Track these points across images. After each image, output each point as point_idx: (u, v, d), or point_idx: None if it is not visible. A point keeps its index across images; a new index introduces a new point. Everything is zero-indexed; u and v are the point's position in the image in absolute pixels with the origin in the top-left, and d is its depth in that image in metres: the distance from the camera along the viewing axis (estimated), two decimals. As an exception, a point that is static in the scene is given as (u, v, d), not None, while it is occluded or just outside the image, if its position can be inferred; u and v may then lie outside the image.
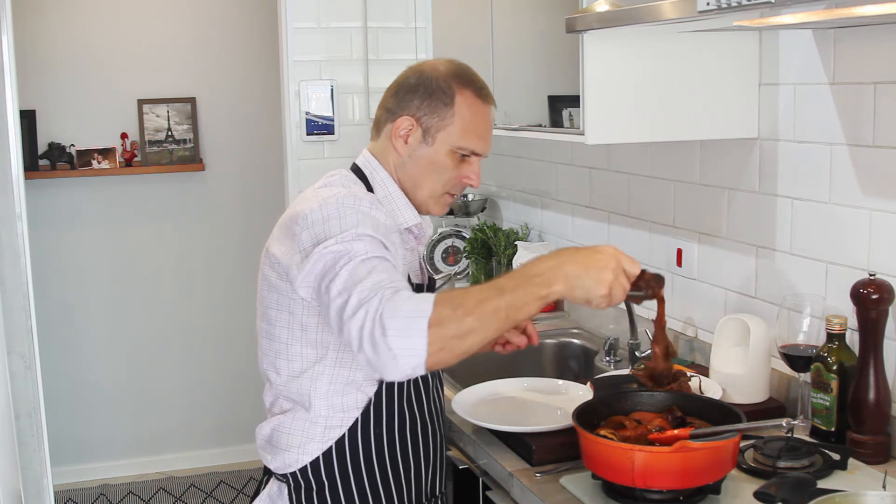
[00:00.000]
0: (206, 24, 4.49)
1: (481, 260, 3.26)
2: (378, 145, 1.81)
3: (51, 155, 4.28)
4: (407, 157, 1.76)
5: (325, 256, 1.52)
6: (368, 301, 1.42)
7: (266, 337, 1.74)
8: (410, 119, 1.74)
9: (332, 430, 1.69)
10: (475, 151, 1.76)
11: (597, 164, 2.77)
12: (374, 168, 1.79)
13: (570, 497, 1.66)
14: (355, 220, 1.57)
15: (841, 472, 1.68)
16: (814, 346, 1.87)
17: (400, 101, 1.76)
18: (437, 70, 1.76)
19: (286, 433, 1.72)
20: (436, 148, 1.74)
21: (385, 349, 1.37)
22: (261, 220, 4.53)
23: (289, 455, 1.71)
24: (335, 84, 3.56)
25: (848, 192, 1.88)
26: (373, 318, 1.39)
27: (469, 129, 1.74)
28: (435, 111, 1.73)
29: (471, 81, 1.76)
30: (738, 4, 1.38)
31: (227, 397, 4.68)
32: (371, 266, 1.49)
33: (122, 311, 4.55)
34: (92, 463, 4.56)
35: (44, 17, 4.28)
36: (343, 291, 1.46)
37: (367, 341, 1.39)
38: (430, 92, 1.73)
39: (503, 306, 1.41)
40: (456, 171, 1.76)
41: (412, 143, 1.75)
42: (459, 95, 1.73)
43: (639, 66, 2.01)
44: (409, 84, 1.76)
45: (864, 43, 1.80)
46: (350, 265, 1.48)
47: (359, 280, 1.46)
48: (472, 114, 1.74)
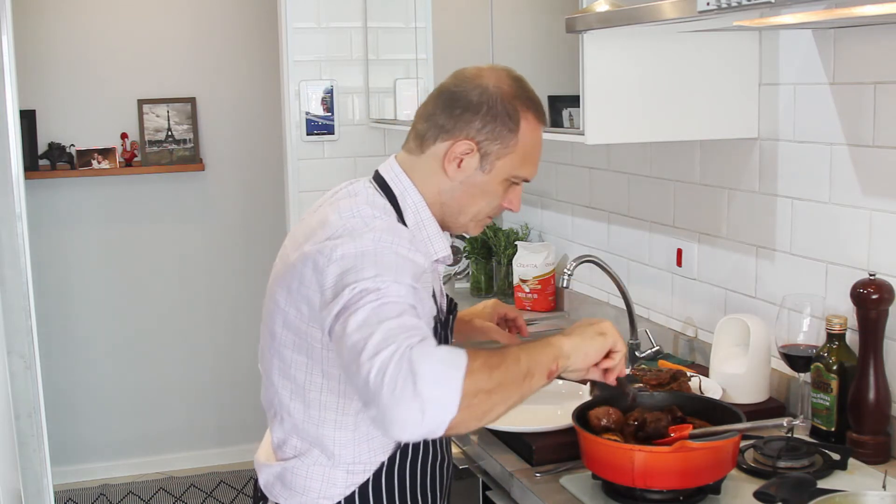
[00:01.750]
0: (206, 24, 4.49)
1: (481, 260, 3.26)
2: (417, 162, 1.60)
3: (51, 155, 4.28)
4: (458, 183, 1.58)
5: (352, 293, 1.34)
6: (395, 339, 1.25)
7: (280, 374, 1.57)
8: (471, 143, 1.55)
9: (356, 476, 1.56)
10: (527, 179, 1.63)
11: (597, 164, 2.77)
12: (406, 188, 1.59)
13: (570, 497, 1.66)
14: (394, 262, 1.39)
15: (841, 472, 1.68)
16: (814, 346, 1.87)
17: (457, 120, 1.55)
18: (502, 90, 1.56)
19: (302, 476, 1.57)
20: (492, 176, 1.57)
21: (410, 398, 1.20)
22: (261, 220, 4.53)
23: (306, 498, 1.57)
24: (335, 84, 3.56)
25: (848, 192, 1.88)
26: (398, 361, 1.22)
27: (528, 158, 1.60)
28: (498, 137, 1.55)
29: (532, 101, 1.59)
30: (738, 4, 1.38)
31: (227, 397, 4.68)
32: (400, 310, 1.32)
33: (123, 311, 4.55)
34: (92, 463, 4.55)
35: (44, 17, 4.27)
36: (363, 327, 1.28)
37: (387, 387, 1.21)
38: (494, 115, 1.54)
39: (524, 371, 1.38)
40: (503, 198, 1.62)
41: (466, 169, 1.56)
42: (524, 121, 1.56)
43: (639, 66, 2.01)
44: (468, 101, 1.55)
45: (864, 43, 1.80)
46: (377, 303, 1.31)
47: (384, 318, 1.29)
48: (532, 141, 1.59)
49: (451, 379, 1.23)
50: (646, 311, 2.55)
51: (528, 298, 2.99)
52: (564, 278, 2.37)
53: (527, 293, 2.98)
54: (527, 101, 1.58)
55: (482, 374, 1.28)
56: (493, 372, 1.30)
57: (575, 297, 2.92)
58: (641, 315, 2.53)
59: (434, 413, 1.22)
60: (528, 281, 2.97)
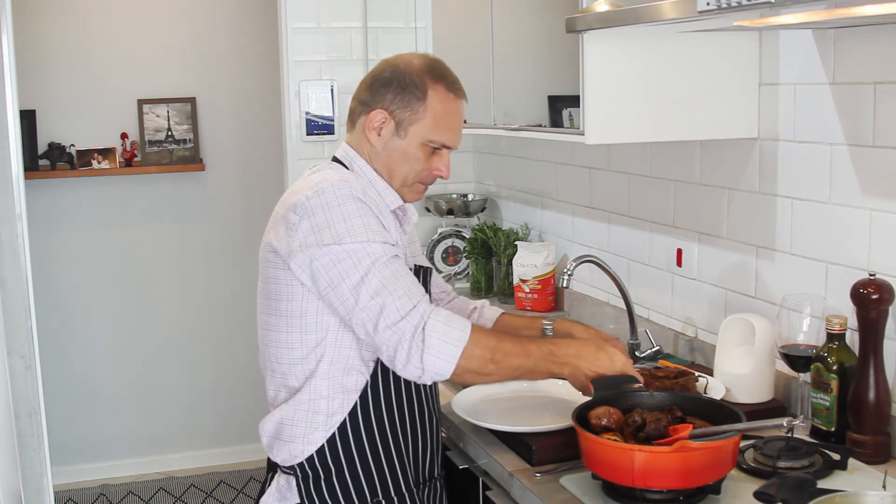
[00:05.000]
0: (206, 24, 4.49)
1: (481, 260, 3.26)
2: (354, 137, 1.87)
3: (51, 155, 4.28)
4: (381, 149, 1.82)
5: (341, 254, 1.66)
6: (410, 315, 1.63)
7: (266, 328, 1.80)
8: (384, 112, 1.80)
9: (334, 417, 1.75)
10: (445, 144, 1.83)
11: (597, 164, 2.77)
12: (353, 158, 1.85)
13: (570, 497, 1.66)
14: (357, 212, 1.68)
15: (841, 472, 1.68)
16: (814, 346, 1.87)
17: (374, 95, 1.82)
18: (411, 65, 1.81)
19: (289, 424, 1.77)
20: (408, 140, 1.81)
21: (417, 363, 1.63)
22: (261, 220, 4.48)
23: (294, 446, 1.76)
24: (335, 84, 3.56)
25: (848, 192, 1.88)
26: (412, 335, 1.62)
27: (440, 123, 1.81)
28: (408, 105, 1.79)
29: (443, 76, 1.82)
30: (738, 4, 1.38)
31: (227, 397, 4.68)
32: (394, 268, 1.67)
33: (123, 311, 4.55)
34: (92, 463, 4.55)
35: (44, 17, 4.27)
36: (376, 295, 1.63)
37: (402, 353, 1.63)
38: (403, 86, 1.79)
39: (523, 369, 1.72)
40: (427, 163, 1.84)
41: (385, 136, 1.81)
42: (432, 90, 1.79)
43: (639, 66, 2.01)
44: (383, 78, 1.82)
45: (864, 43, 1.80)
46: (376, 268, 1.65)
47: (389, 284, 1.64)
48: (443, 108, 1.80)
49: (449, 354, 1.63)
50: (646, 311, 2.55)
51: (528, 298, 2.99)
52: (564, 278, 2.37)
53: (527, 293, 2.98)
54: (436, 75, 1.81)
55: (477, 361, 1.66)
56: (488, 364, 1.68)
57: (575, 297, 2.92)
58: (641, 315, 2.53)
59: (429, 376, 1.65)
60: (528, 281, 2.97)
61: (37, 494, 1.94)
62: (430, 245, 3.44)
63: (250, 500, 4.31)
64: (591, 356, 1.76)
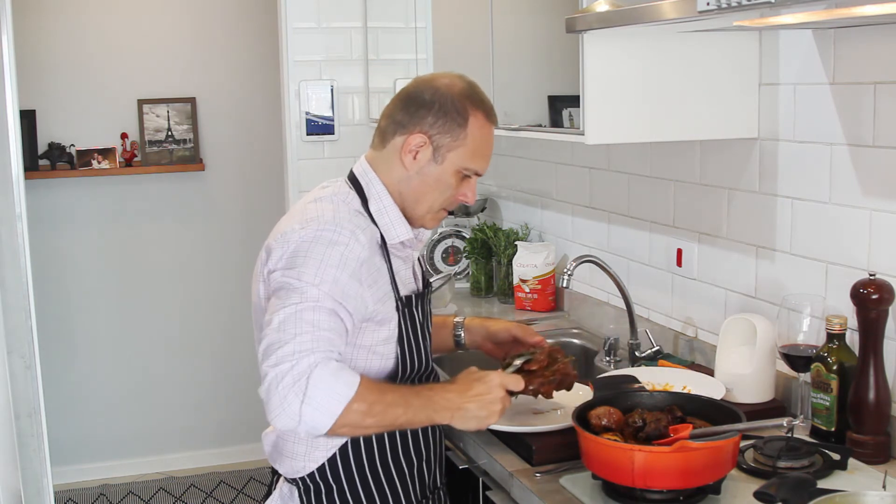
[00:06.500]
0: (206, 24, 4.49)
1: (481, 260, 3.26)
2: (380, 156, 1.80)
3: (51, 155, 4.28)
4: (414, 173, 1.76)
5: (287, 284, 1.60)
6: (298, 362, 1.51)
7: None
8: (423, 136, 1.73)
9: (336, 437, 1.70)
10: (478, 172, 1.79)
11: (597, 164, 2.77)
12: (371, 180, 1.78)
13: (570, 497, 1.66)
14: (323, 256, 1.62)
15: (841, 472, 1.68)
16: (814, 346, 1.87)
17: (412, 116, 1.74)
18: (452, 89, 1.75)
19: (291, 441, 1.74)
20: (444, 167, 1.75)
21: (294, 412, 1.50)
22: (261, 220, 4.53)
23: (295, 462, 1.75)
24: (335, 84, 3.56)
25: (848, 192, 1.88)
26: (293, 382, 1.50)
27: (477, 152, 1.76)
28: (448, 131, 1.73)
29: (482, 102, 1.77)
30: (738, 4, 1.38)
31: (227, 397, 4.68)
32: (317, 317, 1.57)
33: (122, 311, 4.55)
34: (92, 463, 4.56)
35: (44, 17, 4.27)
36: (281, 329, 1.55)
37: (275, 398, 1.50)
38: (445, 111, 1.73)
39: (402, 420, 1.62)
40: (456, 190, 1.78)
41: (421, 160, 1.75)
42: (472, 117, 1.74)
43: (639, 66, 2.01)
44: (422, 99, 1.74)
45: (864, 43, 1.80)
46: (299, 307, 1.56)
47: (300, 327, 1.55)
48: (481, 136, 1.76)
49: (332, 409, 1.51)
50: (646, 311, 2.55)
51: (528, 298, 2.99)
52: (564, 278, 2.37)
53: (527, 293, 2.98)
54: (476, 101, 1.76)
55: (357, 416, 1.54)
56: (366, 419, 1.56)
57: (575, 297, 2.92)
58: (641, 315, 2.53)
59: (305, 428, 1.53)
60: (528, 281, 2.97)
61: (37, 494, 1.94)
62: (430, 245, 3.44)
63: (250, 500, 4.31)
64: (466, 390, 1.67)
